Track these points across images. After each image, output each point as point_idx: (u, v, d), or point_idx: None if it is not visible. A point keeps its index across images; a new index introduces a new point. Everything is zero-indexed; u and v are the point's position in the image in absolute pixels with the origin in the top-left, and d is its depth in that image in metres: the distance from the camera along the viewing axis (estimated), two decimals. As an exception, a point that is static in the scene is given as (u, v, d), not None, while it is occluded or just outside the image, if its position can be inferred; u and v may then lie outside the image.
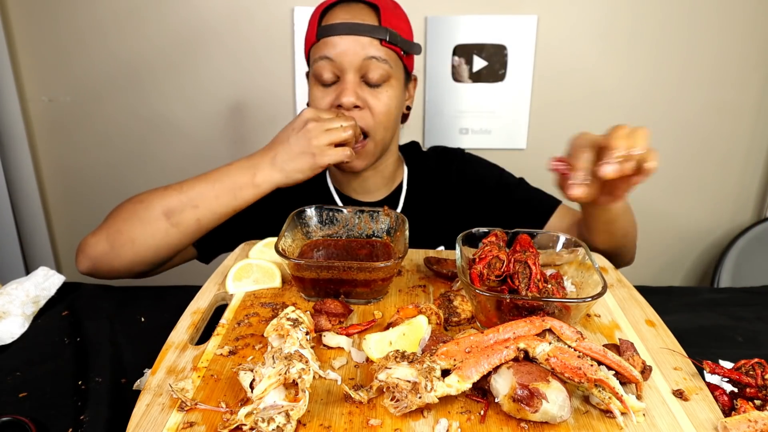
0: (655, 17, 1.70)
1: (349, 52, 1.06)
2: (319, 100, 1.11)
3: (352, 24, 1.06)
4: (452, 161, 1.30)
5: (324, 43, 1.07)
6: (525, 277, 0.82)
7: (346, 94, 1.07)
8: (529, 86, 1.76)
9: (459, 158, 1.31)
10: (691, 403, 0.67)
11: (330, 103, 1.09)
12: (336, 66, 1.07)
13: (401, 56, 1.11)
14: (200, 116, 1.81)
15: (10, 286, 0.95)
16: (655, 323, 0.84)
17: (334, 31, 1.06)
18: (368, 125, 1.10)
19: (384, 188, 1.26)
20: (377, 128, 1.11)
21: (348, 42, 1.06)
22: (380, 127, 1.12)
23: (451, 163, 1.29)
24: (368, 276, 0.83)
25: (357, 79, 1.08)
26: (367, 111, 1.10)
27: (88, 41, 1.72)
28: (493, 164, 1.33)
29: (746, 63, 1.75)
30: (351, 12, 1.08)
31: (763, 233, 1.87)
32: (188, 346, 0.75)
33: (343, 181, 1.25)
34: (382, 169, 1.23)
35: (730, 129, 1.83)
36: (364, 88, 1.09)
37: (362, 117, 1.09)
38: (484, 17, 1.69)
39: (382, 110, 1.10)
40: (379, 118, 1.11)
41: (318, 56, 1.08)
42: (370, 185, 1.24)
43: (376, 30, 1.07)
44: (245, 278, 0.91)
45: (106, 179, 1.88)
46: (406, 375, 0.63)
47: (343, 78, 1.08)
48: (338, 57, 1.06)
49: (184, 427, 0.60)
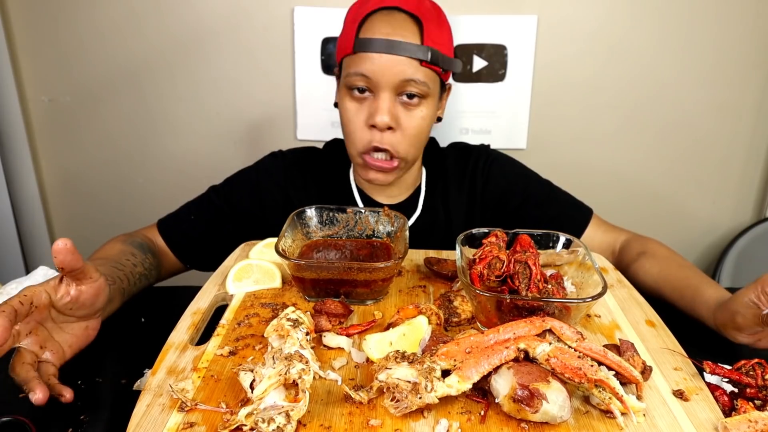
0: (655, 17, 1.70)
1: (387, 72, 1.01)
2: (352, 114, 1.07)
3: (392, 42, 1.00)
4: (476, 161, 1.25)
5: (360, 57, 1.02)
6: (525, 278, 0.82)
7: (380, 113, 1.03)
8: (529, 86, 1.76)
9: (484, 158, 1.25)
10: (692, 403, 0.67)
11: (364, 121, 1.06)
12: (371, 82, 1.03)
13: (440, 74, 1.07)
14: (200, 116, 1.81)
15: (10, 285, 0.95)
16: (655, 323, 0.84)
17: (372, 48, 1.01)
18: (398, 146, 1.07)
19: (405, 191, 1.24)
20: (408, 150, 1.09)
21: (386, 61, 1.00)
22: (411, 148, 1.09)
23: (474, 163, 1.25)
24: (368, 276, 0.83)
25: (392, 96, 1.04)
26: (399, 132, 1.06)
27: (89, 41, 1.72)
28: (520, 169, 1.27)
29: (746, 63, 1.75)
30: (392, 24, 1.02)
31: (763, 233, 1.87)
32: (188, 347, 0.75)
33: (368, 185, 1.23)
34: (406, 177, 1.21)
35: (730, 129, 1.83)
36: (398, 107, 1.05)
37: (393, 137, 1.06)
38: (484, 17, 1.69)
39: (414, 132, 1.07)
40: (410, 139, 1.07)
41: (353, 70, 1.03)
42: (393, 189, 1.22)
43: (416, 50, 1.00)
44: (245, 279, 0.91)
45: (106, 179, 1.88)
46: (406, 375, 0.63)
47: (378, 95, 1.03)
48: (374, 75, 1.02)
49: (185, 428, 0.60)
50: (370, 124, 1.06)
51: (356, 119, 1.07)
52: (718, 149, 1.85)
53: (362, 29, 1.03)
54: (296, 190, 1.21)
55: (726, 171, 1.88)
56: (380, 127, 1.04)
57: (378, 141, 1.06)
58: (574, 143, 1.83)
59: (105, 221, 1.91)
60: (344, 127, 1.11)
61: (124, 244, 1.05)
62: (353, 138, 1.09)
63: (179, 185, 1.87)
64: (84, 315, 0.77)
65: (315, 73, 1.74)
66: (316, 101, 1.76)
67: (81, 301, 0.75)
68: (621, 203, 1.89)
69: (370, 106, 1.05)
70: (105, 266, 0.91)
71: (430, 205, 1.23)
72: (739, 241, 1.86)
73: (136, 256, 1.03)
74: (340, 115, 1.12)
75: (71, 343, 0.76)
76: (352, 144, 1.10)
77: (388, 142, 1.06)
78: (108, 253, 1.01)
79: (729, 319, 0.83)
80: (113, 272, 0.91)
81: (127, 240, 1.08)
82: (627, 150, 1.85)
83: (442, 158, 1.27)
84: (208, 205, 1.20)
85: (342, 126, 1.12)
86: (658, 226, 1.92)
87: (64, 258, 0.69)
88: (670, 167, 1.87)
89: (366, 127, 1.07)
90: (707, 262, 1.98)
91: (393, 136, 1.06)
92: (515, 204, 1.23)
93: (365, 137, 1.07)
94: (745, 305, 0.79)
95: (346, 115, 1.08)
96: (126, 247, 1.04)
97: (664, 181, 1.88)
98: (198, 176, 1.84)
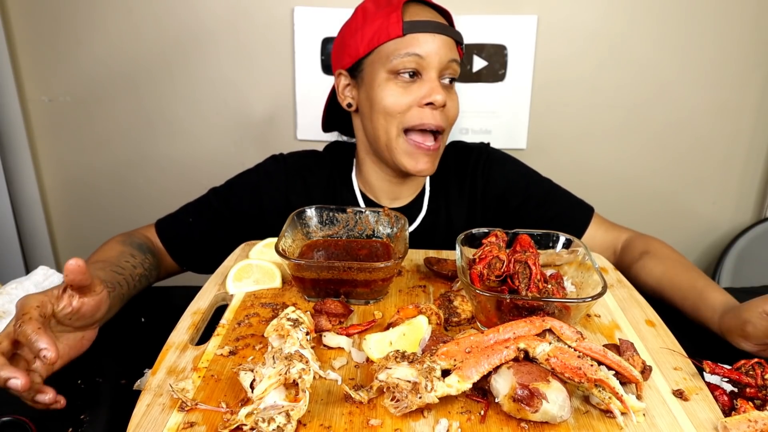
0: (655, 17, 1.70)
1: (441, 51, 1.05)
2: (398, 96, 1.06)
3: (443, 25, 1.06)
4: (475, 161, 1.25)
5: (413, 38, 1.04)
6: (525, 278, 0.82)
7: (437, 91, 1.04)
8: (529, 86, 1.76)
9: (483, 158, 1.25)
10: (691, 403, 0.67)
11: (415, 100, 1.06)
12: (422, 64, 1.05)
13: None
14: (200, 116, 1.81)
15: (10, 285, 0.96)
16: (654, 323, 0.84)
17: (426, 28, 1.04)
18: (444, 125, 1.09)
19: (410, 193, 1.23)
20: (448, 129, 1.11)
21: (439, 41, 1.05)
22: (450, 128, 1.12)
23: (474, 164, 1.25)
24: (368, 276, 0.83)
25: (438, 78, 1.07)
26: (445, 111, 1.08)
27: (89, 41, 1.72)
28: (520, 168, 1.27)
29: (746, 63, 1.75)
30: (430, 13, 1.08)
31: (763, 233, 1.87)
32: (188, 347, 0.75)
33: (376, 187, 1.21)
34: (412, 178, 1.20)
35: (730, 129, 1.83)
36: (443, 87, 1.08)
37: (441, 116, 1.08)
38: (484, 17, 1.69)
39: (455, 112, 1.11)
40: (452, 119, 1.11)
41: (405, 51, 1.04)
42: (401, 191, 1.21)
43: (456, 33, 1.09)
44: (245, 278, 0.91)
45: (106, 179, 1.88)
46: (406, 375, 0.63)
47: (427, 76, 1.06)
48: (428, 54, 1.04)
49: (185, 427, 0.60)
50: (425, 103, 1.06)
51: (403, 100, 1.06)
52: (719, 149, 1.85)
53: (406, 15, 1.06)
54: (297, 195, 1.21)
55: (726, 171, 1.88)
56: (438, 104, 1.05)
57: (430, 118, 1.06)
58: (574, 143, 1.83)
59: (105, 221, 1.91)
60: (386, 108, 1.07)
61: (124, 245, 1.05)
62: (401, 118, 1.07)
63: (179, 184, 1.87)
64: (82, 326, 0.77)
65: (315, 73, 1.74)
66: (316, 101, 1.76)
67: (82, 313, 0.75)
68: (621, 203, 1.89)
69: (420, 88, 1.06)
70: (105, 271, 0.91)
71: (434, 206, 1.23)
72: (739, 241, 1.86)
73: (135, 257, 1.02)
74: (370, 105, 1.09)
75: (64, 353, 0.76)
76: (397, 124, 1.08)
77: (441, 120, 1.07)
78: (107, 255, 1.00)
79: (738, 327, 0.83)
80: (113, 277, 0.91)
81: (126, 240, 1.07)
82: (627, 150, 1.85)
83: (444, 158, 1.26)
84: (208, 207, 1.19)
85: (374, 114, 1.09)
86: (658, 226, 1.92)
87: (75, 277, 0.70)
88: (670, 167, 1.87)
89: (417, 107, 1.07)
90: (707, 262, 1.98)
91: (441, 115, 1.08)
92: (516, 204, 1.23)
93: (415, 114, 1.07)
94: (759, 316, 0.80)
95: (392, 99, 1.06)
96: (125, 248, 1.04)
97: (664, 181, 1.88)
98: (198, 175, 1.85)
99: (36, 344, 0.67)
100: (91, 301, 0.75)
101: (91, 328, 0.80)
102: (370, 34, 1.07)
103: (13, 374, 0.65)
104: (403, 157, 1.10)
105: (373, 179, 1.20)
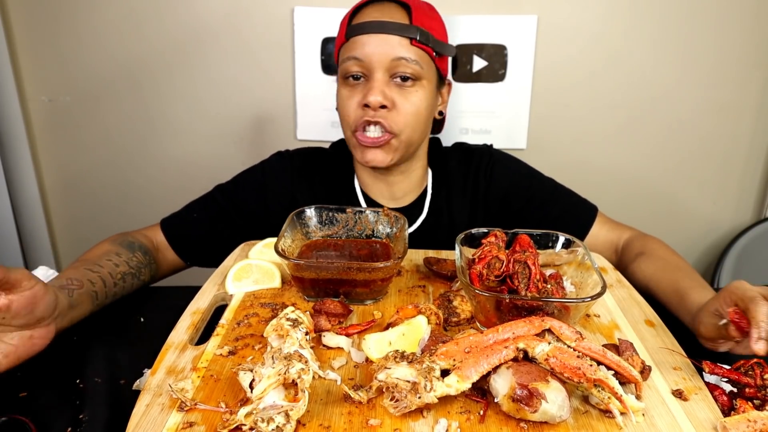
0: (655, 17, 1.70)
1: (378, 51, 1.03)
2: (345, 99, 1.08)
3: (381, 22, 1.03)
4: (478, 163, 1.24)
5: (353, 42, 1.05)
6: (524, 278, 0.82)
7: (373, 93, 1.03)
8: (529, 86, 1.76)
9: (486, 159, 1.24)
10: (691, 403, 0.67)
11: (358, 102, 1.06)
12: (364, 66, 1.05)
13: (433, 58, 1.08)
14: (200, 116, 1.81)
15: (10, 286, 0.95)
16: (654, 323, 0.84)
17: (362, 30, 1.04)
18: (395, 125, 1.06)
19: (411, 194, 1.23)
20: (404, 129, 1.07)
21: (377, 41, 1.03)
22: (407, 127, 1.07)
23: (476, 165, 1.24)
24: (368, 276, 0.83)
25: (386, 78, 1.05)
26: (395, 111, 1.06)
27: (89, 41, 1.72)
28: (523, 169, 1.27)
29: (746, 63, 1.75)
30: (382, 11, 1.06)
31: (763, 233, 1.87)
32: (188, 347, 0.75)
33: (372, 186, 1.21)
34: (409, 175, 1.20)
35: (730, 129, 1.83)
36: (393, 88, 1.06)
37: (389, 117, 1.06)
38: (484, 17, 1.69)
39: (411, 110, 1.06)
40: (407, 118, 1.06)
41: (347, 56, 1.06)
42: (397, 191, 1.21)
43: (405, 29, 1.03)
44: (245, 278, 0.91)
45: (106, 179, 1.88)
46: (405, 375, 0.63)
47: (371, 77, 1.05)
48: (366, 57, 1.04)
49: (184, 427, 0.60)
50: (363, 104, 1.06)
51: (350, 102, 1.08)
52: (719, 149, 1.85)
53: (354, 19, 1.08)
54: (302, 192, 1.21)
55: (726, 171, 1.88)
56: (373, 106, 1.04)
57: (370, 116, 1.06)
58: (574, 143, 1.83)
59: (105, 221, 1.91)
60: (339, 112, 1.11)
61: (112, 244, 1.04)
62: (347, 120, 1.09)
63: (179, 185, 1.87)
64: (23, 324, 0.74)
65: (315, 73, 1.74)
66: (316, 101, 1.76)
67: (14, 311, 0.71)
68: (621, 203, 1.89)
69: (363, 88, 1.07)
70: (78, 269, 0.90)
71: (436, 207, 1.22)
72: (739, 241, 1.86)
73: (120, 256, 1.01)
74: (337, 107, 1.13)
75: (8, 352, 0.73)
76: (346, 126, 1.10)
77: (381, 117, 1.06)
78: (90, 254, 1.00)
79: (695, 327, 0.81)
80: (84, 275, 0.89)
81: (117, 240, 1.07)
82: (627, 150, 1.85)
83: (446, 159, 1.26)
84: (212, 203, 1.20)
85: (338, 114, 1.12)
86: (658, 226, 1.91)
87: None
88: (670, 167, 1.87)
89: (359, 107, 1.07)
90: (707, 262, 1.98)
91: (388, 114, 1.06)
92: (519, 205, 1.22)
93: (358, 114, 1.07)
94: (708, 314, 0.78)
95: (341, 101, 1.10)
96: (112, 246, 1.03)
97: (664, 181, 1.88)
98: (198, 176, 1.85)
99: None
100: (20, 299, 0.71)
101: (41, 327, 0.77)
102: (338, 39, 1.12)
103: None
104: (356, 151, 1.12)
105: (366, 179, 1.22)
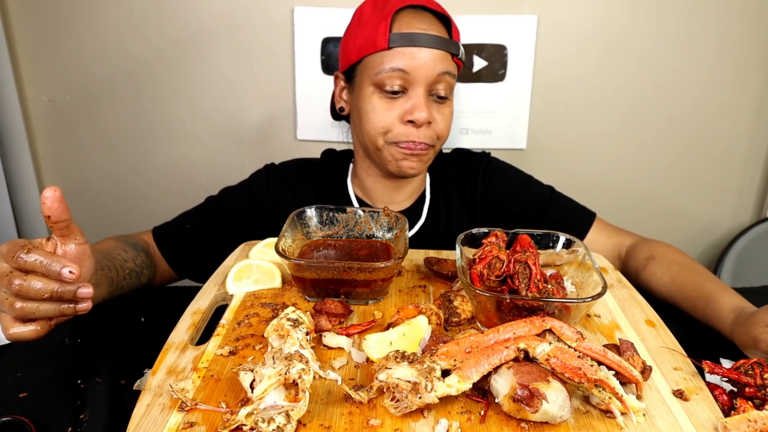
0: (655, 17, 1.70)
1: (428, 66, 1.00)
2: (383, 111, 1.04)
3: (432, 36, 1.00)
4: (476, 168, 1.24)
5: (399, 53, 1.00)
6: (525, 278, 0.82)
7: (420, 109, 1.01)
8: (529, 86, 1.76)
9: (485, 165, 1.24)
10: (691, 403, 0.67)
11: (398, 116, 1.04)
12: (408, 79, 1.01)
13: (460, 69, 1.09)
14: (200, 116, 1.81)
15: (11, 286, 0.95)
16: (655, 323, 0.84)
17: (412, 42, 0.99)
18: (431, 139, 1.06)
19: (409, 198, 1.22)
20: (438, 141, 1.09)
21: (427, 55, 1.00)
22: (441, 140, 1.09)
23: (474, 171, 1.24)
24: (368, 276, 0.83)
25: (426, 93, 1.03)
26: (432, 126, 1.06)
27: (89, 42, 1.72)
28: (521, 175, 1.27)
29: (746, 63, 1.75)
30: (425, 21, 1.02)
31: (763, 233, 1.87)
32: (188, 347, 0.75)
33: (372, 190, 1.20)
34: (412, 179, 1.19)
35: (730, 129, 1.83)
36: (431, 103, 1.05)
37: (428, 131, 1.05)
38: (484, 17, 1.69)
39: (446, 126, 1.08)
40: (443, 133, 1.08)
41: (389, 66, 1.00)
42: (399, 195, 1.20)
43: (449, 44, 1.02)
44: (245, 278, 0.91)
45: (106, 179, 1.88)
46: (406, 375, 0.63)
47: (413, 91, 1.02)
48: (414, 70, 1.00)
49: (185, 428, 0.60)
50: (407, 120, 1.03)
51: (387, 115, 1.04)
52: (719, 149, 1.85)
53: (395, 25, 1.01)
54: (287, 204, 1.19)
55: (726, 171, 1.88)
56: (421, 122, 1.03)
57: (415, 136, 1.04)
58: (574, 143, 1.83)
59: (105, 221, 1.91)
60: (369, 123, 1.06)
61: (117, 242, 1.04)
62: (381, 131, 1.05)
63: (179, 185, 1.87)
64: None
65: (315, 73, 1.74)
66: (316, 101, 1.76)
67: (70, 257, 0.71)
68: (621, 203, 1.89)
69: (405, 103, 1.03)
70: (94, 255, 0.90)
71: (434, 212, 1.22)
72: (739, 241, 1.86)
73: (127, 252, 1.02)
74: (359, 115, 1.08)
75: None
76: (378, 135, 1.06)
77: (427, 137, 1.05)
78: (99, 246, 1.00)
79: (751, 344, 0.80)
80: (102, 260, 0.89)
81: (121, 238, 1.07)
82: (627, 150, 1.85)
83: (446, 164, 1.26)
84: (204, 213, 1.19)
85: (362, 124, 1.08)
86: (657, 226, 1.92)
87: (52, 205, 0.65)
88: (670, 167, 1.87)
89: (400, 123, 1.04)
90: (707, 262, 1.98)
91: (428, 131, 1.05)
92: (517, 211, 1.22)
93: (400, 131, 1.05)
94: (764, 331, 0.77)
95: (377, 115, 1.04)
96: (118, 243, 1.03)
97: (664, 181, 1.89)
98: (198, 176, 1.85)
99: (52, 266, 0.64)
100: (74, 251, 0.71)
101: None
102: (360, 41, 1.04)
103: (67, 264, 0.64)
104: (388, 161, 1.10)
105: (369, 183, 1.20)
